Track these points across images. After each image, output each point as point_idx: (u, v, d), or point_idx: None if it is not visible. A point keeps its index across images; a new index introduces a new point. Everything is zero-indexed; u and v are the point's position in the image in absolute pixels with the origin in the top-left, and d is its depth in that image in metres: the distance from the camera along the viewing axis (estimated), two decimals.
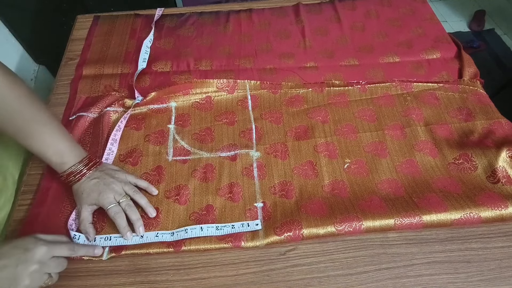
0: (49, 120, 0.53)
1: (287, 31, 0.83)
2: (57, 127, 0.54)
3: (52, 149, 0.53)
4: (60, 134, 0.54)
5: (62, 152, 0.53)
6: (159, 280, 0.50)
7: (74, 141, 0.56)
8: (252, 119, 0.67)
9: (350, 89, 0.71)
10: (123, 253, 0.51)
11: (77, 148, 0.55)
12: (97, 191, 0.53)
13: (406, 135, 0.64)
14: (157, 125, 0.66)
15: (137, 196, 0.55)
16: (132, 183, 0.56)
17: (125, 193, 0.55)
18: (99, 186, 0.53)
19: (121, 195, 0.54)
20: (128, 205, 0.54)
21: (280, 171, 0.60)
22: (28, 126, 0.51)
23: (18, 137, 0.52)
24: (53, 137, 0.53)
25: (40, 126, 0.52)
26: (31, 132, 0.51)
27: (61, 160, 0.53)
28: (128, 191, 0.55)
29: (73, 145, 0.55)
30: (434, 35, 0.80)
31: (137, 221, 0.53)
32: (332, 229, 0.52)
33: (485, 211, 0.53)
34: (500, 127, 0.64)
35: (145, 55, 0.77)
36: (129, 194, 0.55)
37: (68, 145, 0.54)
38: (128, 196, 0.55)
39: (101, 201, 0.52)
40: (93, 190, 0.53)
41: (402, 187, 0.57)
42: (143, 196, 0.56)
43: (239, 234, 0.52)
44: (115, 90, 0.71)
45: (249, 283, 0.50)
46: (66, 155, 0.54)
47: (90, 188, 0.53)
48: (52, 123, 0.53)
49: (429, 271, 0.50)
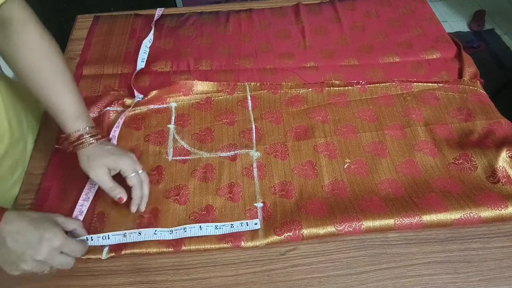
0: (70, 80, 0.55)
1: (287, 31, 0.83)
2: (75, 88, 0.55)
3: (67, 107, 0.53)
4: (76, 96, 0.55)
5: (83, 112, 0.55)
6: (159, 280, 0.50)
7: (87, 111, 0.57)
8: (252, 119, 0.67)
9: (350, 89, 0.71)
10: (123, 253, 0.51)
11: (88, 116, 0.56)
12: (114, 155, 0.53)
13: (406, 135, 0.64)
14: (157, 125, 0.66)
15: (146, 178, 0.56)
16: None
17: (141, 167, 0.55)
18: (115, 151, 0.54)
19: (138, 164, 0.55)
20: (146, 177, 0.55)
21: (280, 171, 0.60)
22: (54, 80, 0.53)
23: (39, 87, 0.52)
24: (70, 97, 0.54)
25: (64, 83, 0.53)
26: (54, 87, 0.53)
27: (74, 120, 0.53)
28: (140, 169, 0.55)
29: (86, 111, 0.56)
30: (434, 35, 0.80)
31: (144, 197, 0.54)
32: (332, 229, 0.52)
33: (485, 211, 0.53)
34: (500, 127, 0.64)
35: (144, 55, 0.77)
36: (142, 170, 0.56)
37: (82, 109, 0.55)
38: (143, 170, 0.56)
39: (121, 165, 0.53)
40: (110, 154, 0.53)
41: (402, 187, 0.57)
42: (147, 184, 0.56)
43: (239, 234, 0.52)
44: (114, 89, 0.71)
45: (249, 283, 0.50)
46: (79, 117, 0.54)
47: (106, 151, 0.53)
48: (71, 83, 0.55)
49: (429, 271, 0.50)
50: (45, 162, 0.61)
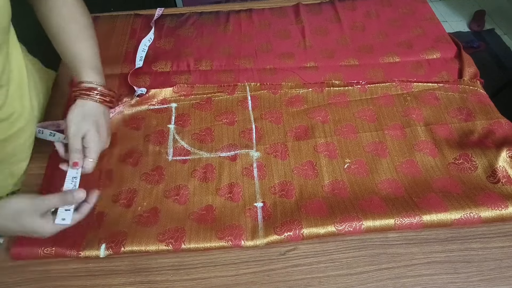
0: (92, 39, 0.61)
1: (287, 31, 0.83)
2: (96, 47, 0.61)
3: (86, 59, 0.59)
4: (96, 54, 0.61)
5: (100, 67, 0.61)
6: (159, 280, 0.50)
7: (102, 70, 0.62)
8: (252, 119, 0.67)
9: (350, 89, 0.71)
10: (121, 251, 0.51)
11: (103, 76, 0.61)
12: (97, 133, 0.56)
13: (406, 135, 0.64)
14: (157, 125, 0.66)
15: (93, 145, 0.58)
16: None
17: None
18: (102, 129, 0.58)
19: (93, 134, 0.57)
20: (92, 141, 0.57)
21: (280, 171, 0.60)
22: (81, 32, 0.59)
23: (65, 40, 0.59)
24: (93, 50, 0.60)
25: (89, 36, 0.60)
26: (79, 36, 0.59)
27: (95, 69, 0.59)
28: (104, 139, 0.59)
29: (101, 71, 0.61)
30: (434, 35, 0.80)
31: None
32: (332, 229, 0.52)
33: (485, 211, 0.53)
34: (500, 127, 0.64)
35: (142, 53, 0.77)
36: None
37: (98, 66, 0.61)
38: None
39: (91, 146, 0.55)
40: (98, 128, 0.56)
41: (402, 187, 0.57)
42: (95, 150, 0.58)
43: (239, 233, 0.52)
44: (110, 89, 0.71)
45: (249, 283, 0.50)
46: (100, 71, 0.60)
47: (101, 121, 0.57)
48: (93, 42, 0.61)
49: (429, 271, 0.50)
50: (45, 163, 0.61)
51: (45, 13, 0.58)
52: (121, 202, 0.57)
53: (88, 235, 0.53)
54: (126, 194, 0.58)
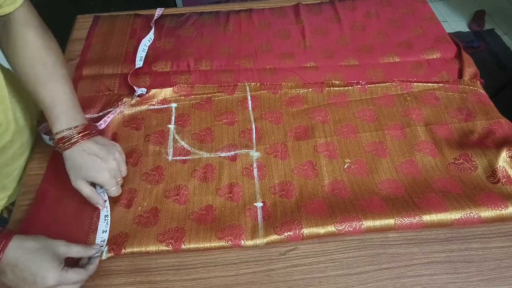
0: (63, 79, 0.55)
1: (287, 31, 0.83)
2: (67, 87, 0.55)
3: (54, 105, 0.53)
4: (66, 94, 0.55)
5: (61, 111, 0.54)
6: (159, 280, 0.50)
7: (79, 106, 0.56)
8: (252, 119, 0.67)
9: (350, 89, 0.71)
10: (122, 253, 0.51)
11: (76, 113, 0.55)
12: (93, 170, 0.53)
13: (406, 135, 0.64)
14: (157, 125, 0.66)
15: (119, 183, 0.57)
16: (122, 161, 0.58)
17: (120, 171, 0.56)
18: (94, 164, 0.53)
19: (117, 173, 0.55)
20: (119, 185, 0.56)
21: (280, 171, 0.60)
22: (45, 76, 0.53)
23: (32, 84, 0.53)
24: (59, 95, 0.54)
25: (53, 80, 0.54)
26: (44, 82, 0.53)
27: (57, 119, 0.53)
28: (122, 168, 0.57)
29: (74, 109, 0.55)
30: (434, 35, 0.80)
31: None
32: (332, 228, 0.52)
33: (485, 211, 0.53)
34: (500, 127, 0.64)
35: (142, 53, 0.77)
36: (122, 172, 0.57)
37: (69, 107, 0.54)
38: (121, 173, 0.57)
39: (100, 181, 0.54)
40: (88, 168, 0.53)
41: (402, 187, 0.57)
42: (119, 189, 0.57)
43: (239, 233, 0.52)
44: (110, 90, 0.71)
45: (249, 283, 0.50)
46: (63, 116, 0.53)
47: (84, 163, 0.53)
48: (63, 82, 0.55)
49: (429, 271, 0.50)
50: (45, 163, 0.61)
51: (8, 54, 0.53)
52: (121, 203, 0.57)
53: (91, 237, 0.53)
54: (127, 194, 0.58)
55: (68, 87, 0.55)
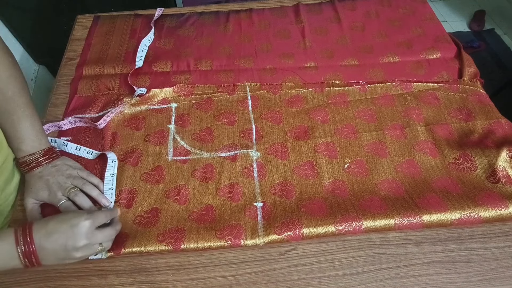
0: (25, 105, 0.55)
1: (287, 31, 0.83)
2: (29, 113, 0.56)
3: (15, 133, 0.55)
4: (28, 121, 0.56)
5: (22, 139, 0.55)
6: (159, 280, 0.50)
7: (40, 132, 0.57)
8: (252, 119, 0.67)
9: (350, 89, 0.71)
10: (122, 252, 0.51)
11: (38, 140, 0.56)
12: (47, 189, 0.54)
13: (406, 135, 0.64)
14: (157, 125, 0.66)
15: (87, 187, 0.56)
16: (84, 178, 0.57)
17: (73, 186, 0.55)
18: (48, 183, 0.54)
19: (69, 188, 0.55)
20: (76, 194, 0.54)
21: (280, 171, 0.60)
22: (6, 105, 0.54)
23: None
24: (20, 122, 0.55)
25: (15, 107, 0.55)
26: (6, 111, 0.54)
27: (18, 146, 0.55)
28: (77, 184, 0.55)
29: (35, 136, 0.56)
30: (434, 35, 0.80)
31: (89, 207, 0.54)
32: (332, 228, 0.52)
33: (485, 211, 0.53)
34: (500, 127, 0.64)
35: (142, 53, 0.77)
36: (78, 186, 0.55)
37: (30, 134, 0.56)
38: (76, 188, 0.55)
39: (51, 199, 0.54)
40: (42, 188, 0.54)
41: (402, 187, 0.57)
42: (94, 187, 0.56)
43: (239, 233, 0.52)
44: (110, 89, 0.71)
45: (249, 283, 0.50)
46: (24, 143, 0.55)
47: (40, 184, 0.54)
48: (26, 109, 0.55)
49: (429, 271, 0.50)
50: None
51: None
52: (121, 202, 0.57)
53: None
54: (126, 194, 0.58)
55: (28, 116, 0.56)
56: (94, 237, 0.47)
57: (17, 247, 0.44)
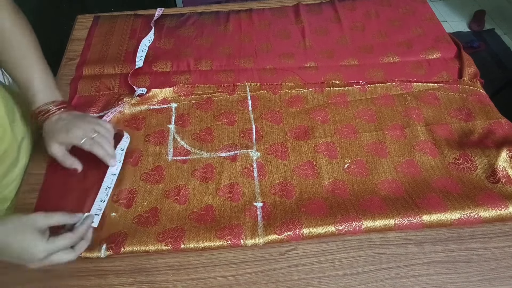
0: (38, 59, 0.58)
1: (287, 31, 0.83)
2: (43, 67, 0.59)
3: (31, 84, 0.57)
4: (43, 74, 0.58)
5: (38, 89, 0.57)
6: (159, 280, 0.50)
7: (53, 84, 0.59)
8: (252, 119, 0.67)
9: (350, 89, 0.71)
10: (121, 251, 0.51)
11: (52, 91, 0.59)
12: (66, 131, 0.55)
13: (406, 135, 0.64)
14: (157, 125, 0.67)
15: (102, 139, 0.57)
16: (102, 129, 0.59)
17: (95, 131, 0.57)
18: (68, 126, 0.56)
19: (91, 131, 0.57)
20: (100, 138, 0.57)
21: (280, 171, 0.60)
22: (21, 59, 0.57)
23: (9, 67, 0.57)
24: (35, 74, 0.57)
25: (30, 61, 0.58)
26: (20, 65, 0.57)
27: (34, 98, 0.57)
28: (99, 130, 0.57)
29: (50, 87, 0.58)
30: (434, 35, 0.80)
31: (106, 155, 0.56)
32: (332, 228, 0.52)
33: (485, 211, 0.53)
34: (500, 127, 0.64)
35: (142, 53, 0.77)
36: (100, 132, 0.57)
37: (45, 85, 0.58)
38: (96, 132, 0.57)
39: (72, 139, 0.56)
40: (62, 130, 0.56)
41: (402, 187, 0.57)
42: (108, 141, 0.58)
43: (239, 232, 0.52)
44: (110, 89, 0.71)
45: (249, 283, 0.50)
46: (39, 95, 0.57)
47: (59, 128, 0.56)
48: (39, 62, 0.58)
49: (429, 271, 0.50)
50: (45, 162, 0.61)
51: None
52: (121, 202, 0.57)
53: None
54: (126, 194, 0.58)
55: (42, 69, 0.58)
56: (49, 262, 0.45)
57: None
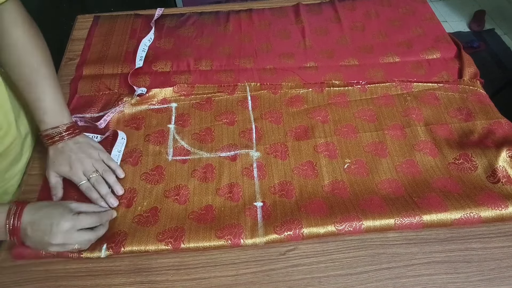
0: (49, 77, 0.57)
1: (287, 31, 0.83)
2: (53, 85, 0.57)
3: (39, 104, 0.56)
4: (52, 93, 0.57)
5: (46, 110, 0.56)
6: (159, 280, 0.50)
7: (63, 106, 0.58)
8: (252, 119, 0.67)
9: (350, 89, 0.71)
10: (121, 251, 0.51)
11: (62, 113, 0.58)
12: (68, 165, 0.55)
13: (406, 135, 0.64)
14: (157, 125, 0.67)
15: (106, 174, 0.57)
16: (104, 162, 0.58)
17: (95, 170, 0.57)
18: (71, 159, 0.56)
19: (91, 171, 0.56)
20: (97, 180, 0.56)
21: (280, 171, 0.60)
22: (31, 76, 0.56)
23: (20, 84, 0.56)
24: (45, 94, 0.56)
25: (41, 78, 0.56)
26: (31, 82, 0.56)
27: (41, 118, 0.56)
28: (98, 168, 0.57)
29: (59, 109, 0.57)
30: (434, 35, 0.80)
31: (106, 194, 0.56)
32: (332, 228, 0.52)
33: (485, 211, 0.53)
34: (500, 127, 0.64)
35: (142, 53, 0.77)
36: (98, 171, 0.57)
37: (54, 107, 0.57)
38: (97, 172, 0.57)
39: (72, 176, 0.56)
40: (64, 163, 0.56)
41: (402, 187, 0.57)
42: (112, 174, 0.58)
43: (239, 232, 0.52)
44: (110, 89, 0.71)
45: (249, 283, 0.50)
46: (47, 115, 0.57)
47: (62, 159, 0.56)
48: (50, 81, 0.57)
49: (429, 271, 0.50)
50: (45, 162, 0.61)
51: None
52: (121, 202, 0.57)
53: None
54: (126, 193, 0.58)
55: (52, 87, 0.57)
56: (70, 239, 0.48)
57: (6, 220, 0.47)
